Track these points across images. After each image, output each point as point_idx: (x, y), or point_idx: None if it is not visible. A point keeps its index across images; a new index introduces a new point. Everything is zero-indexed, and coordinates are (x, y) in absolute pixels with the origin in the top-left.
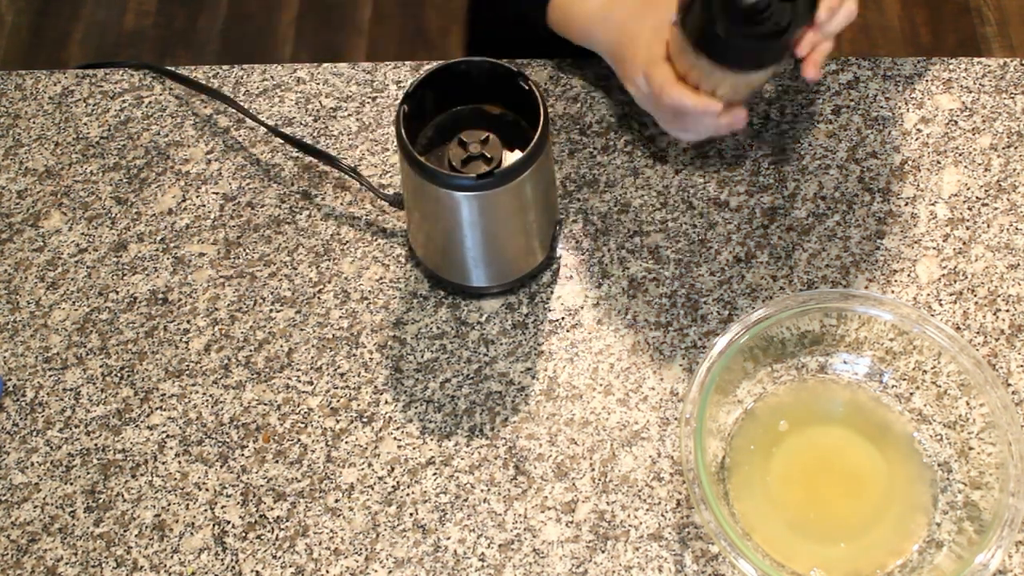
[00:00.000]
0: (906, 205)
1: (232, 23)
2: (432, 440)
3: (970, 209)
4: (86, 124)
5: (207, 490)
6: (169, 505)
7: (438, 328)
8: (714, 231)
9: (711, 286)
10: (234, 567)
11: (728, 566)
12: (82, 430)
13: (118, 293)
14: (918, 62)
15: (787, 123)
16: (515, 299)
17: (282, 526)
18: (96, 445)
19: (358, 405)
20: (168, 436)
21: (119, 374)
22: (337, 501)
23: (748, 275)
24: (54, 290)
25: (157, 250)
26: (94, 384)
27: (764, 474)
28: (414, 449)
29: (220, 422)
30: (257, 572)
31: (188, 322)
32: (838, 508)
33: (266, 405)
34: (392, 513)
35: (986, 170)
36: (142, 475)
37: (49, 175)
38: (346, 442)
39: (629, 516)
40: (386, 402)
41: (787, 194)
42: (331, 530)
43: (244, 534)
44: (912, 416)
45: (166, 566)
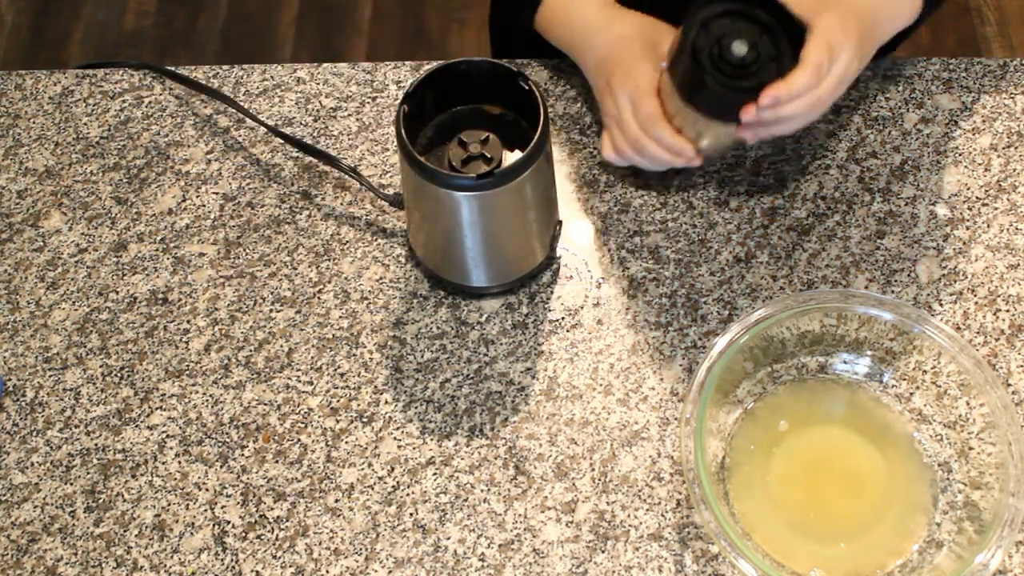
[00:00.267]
0: (906, 205)
1: (232, 23)
2: (432, 440)
3: (970, 209)
4: (86, 124)
5: (207, 490)
6: (169, 505)
7: (438, 328)
8: (714, 231)
9: (711, 286)
10: (234, 567)
11: (728, 566)
12: (82, 430)
13: (118, 293)
14: (918, 62)
15: None
16: (515, 299)
17: (282, 526)
18: (96, 445)
19: (358, 405)
20: (168, 436)
21: (119, 374)
22: (337, 501)
23: (748, 275)
24: (54, 290)
25: (157, 250)
26: (94, 384)
27: (764, 474)
28: (414, 449)
29: (220, 422)
30: (257, 572)
31: (188, 322)
32: (838, 508)
33: (266, 405)
34: (392, 513)
35: (986, 170)
36: (142, 475)
37: (49, 175)
38: (346, 442)
39: (629, 516)
40: (386, 402)
41: (787, 194)
42: (331, 530)
43: (244, 534)
44: (912, 416)
45: (166, 566)
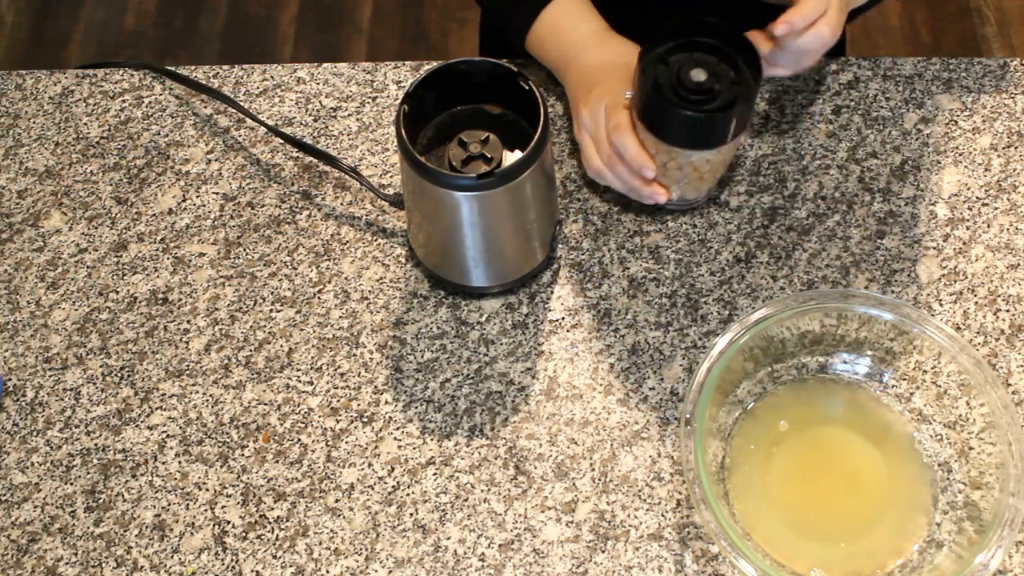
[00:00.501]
0: (906, 205)
1: (232, 23)
2: (432, 440)
3: (970, 209)
4: (86, 124)
5: (207, 490)
6: (169, 505)
7: (438, 328)
8: (714, 231)
9: (711, 286)
10: (234, 567)
11: (728, 566)
12: (82, 430)
13: (118, 293)
14: (918, 62)
15: (787, 123)
16: (515, 299)
17: (282, 526)
18: (96, 445)
19: (358, 405)
20: (168, 436)
21: (119, 374)
22: (337, 501)
23: (748, 275)
24: (54, 290)
25: (157, 250)
26: (94, 384)
27: (764, 474)
28: (414, 449)
29: (220, 422)
30: (257, 572)
31: (188, 322)
32: (838, 508)
33: (266, 405)
34: (392, 513)
35: (986, 170)
36: (142, 475)
37: (49, 175)
38: (346, 442)
39: (629, 516)
40: (386, 402)
41: (787, 194)
42: (331, 530)
43: (244, 534)
44: (912, 416)
45: (166, 566)
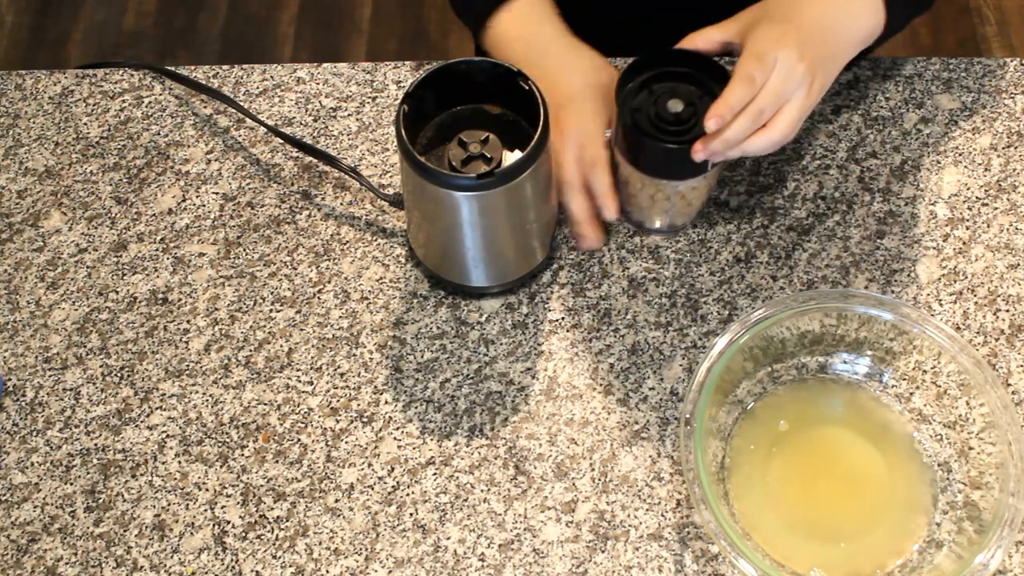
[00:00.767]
0: (906, 205)
1: (232, 23)
2: (432, 440)
3: (970, 209)
4: (86, 124)
5: (207, 490)
6: (169, 505)
7: (438, 328)
8: (714, 231)
9: (711, 286)
10: (234, 567)
11: (728, 566)
12: (82, 430)
13: (118, 293)
14: (918, 62)
15: None
16: (515, 299)
17: (282, 526)
18: (96, 445)
19: (358, 405)
20: (168, 436)
21: (119, 374)
22: (337, 501)
23: (748, 275)
24: (54, 290)
25: (157, 250)
26: (94, 384)
27: (764, 474)
28: (414, 449)
29: (220, 422)
30: (257, 572)
31: (188, 322)
32: (838, 508)
33: (266, 405)
34: (392, 513)
35: (986, 170)
36: (142, 475)
37: (49, 175)
38: (346, 442)
39: (629, 516)
40: (386, 402)
41: (787, 194)
42: (331, 530)
43: (244, 534)
44: (912, 416)
45: (166, 566)
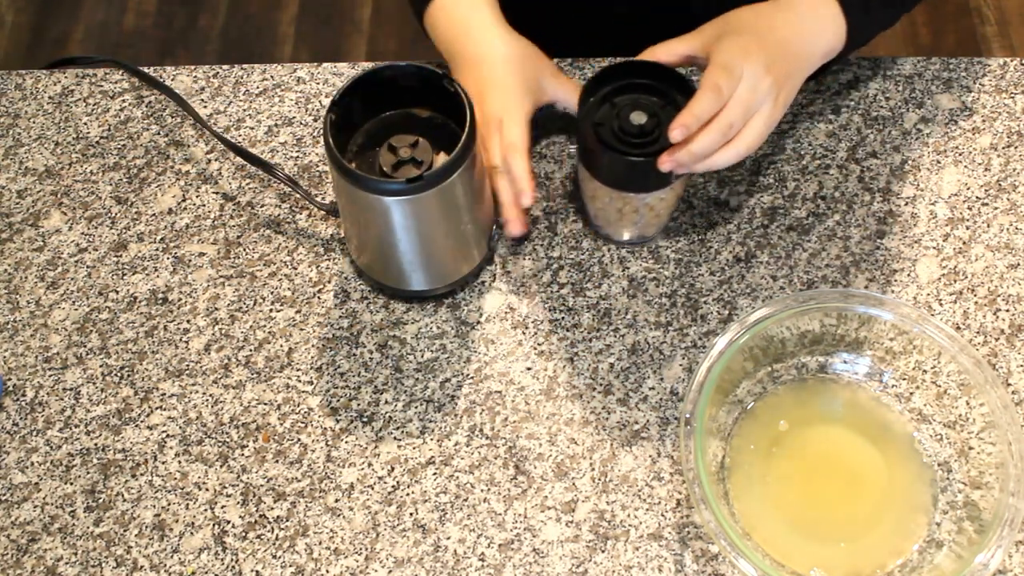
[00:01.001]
0: (906, 205)
1: (232, 23)
2: (432, 440)
3: (970, 209)
4: (86, 124)
5: (207, 490)
6: (169, 505)
7: (438, 328)
8: (714, 231)
9: (711, 286)
10: (234, 567)
11: (728, 566)
12: (82, 430)
13: (118, 293)
14: (918, 62)
15: (787, 123)
16: (515, 299)
17: (282, 526)
18: (96, 445)
19: (358, 405)
20: (168, 436)
21: (119, 374)
22: (337, 501)
23: (748, 275)
24: (54, 290)
25: (157, 250)
26: (94, 384)
27: (764, 474)
28: (414, 449)
29: (220, 422)
30: (257, 572)
31: (188, 322)
32: (838, 508)
33: (266, 405)
34: (392, 513)
35: (986, 170)
36: (142, 475)
37: (49, 175)
38: (346, 442)
39: (629, 516)
40: (386, 402)
41: (787, 194)
42: (331, 530)
43: (244, 534)
44: (912, 416)
45: (166, 566)
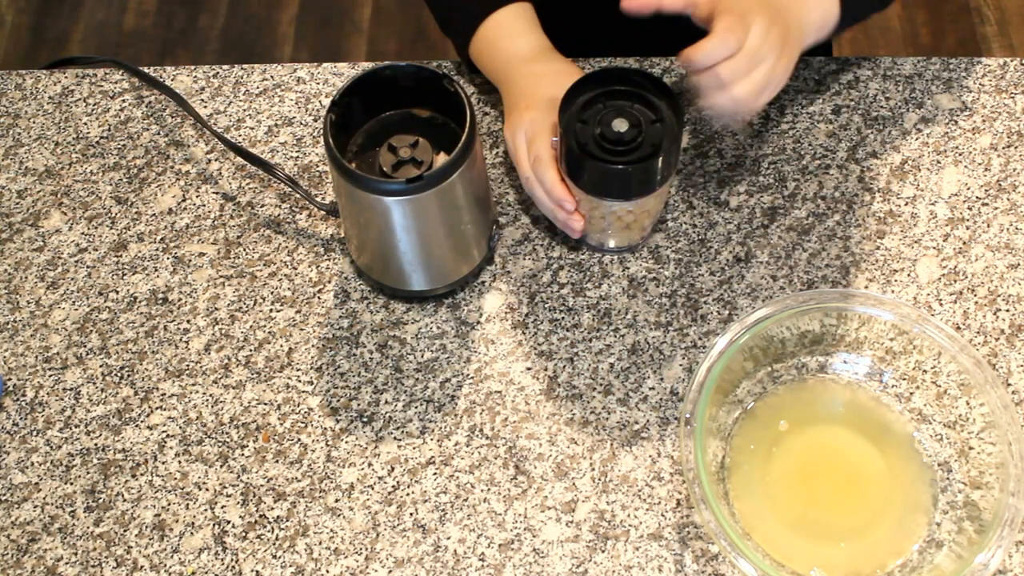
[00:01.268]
0: (906, 205)
1: (232, 23)
2: (432, 440)
3: (970, 209)
4: (86, 124)
5: (207, 490)
6: (169, 505)
7: (438, 328)
8: (714, 231)
9: (711, 286)
10: (234, 567)
11: (728, 566)
12: (82, 430)
13: (118, 293)
14: (918, 62)
15: (787, 123)
16: (515, 299)
17: (282, 526)
18: (96, 445)
19: (358, 405)
20: (168, 436)
21: (119, 374)
22: (337, 501)
23: (748, 275)
24: (54, 290)
25: (157, 250)
26: (94, 384)
27: (764, 474)
28: (414, 449)
29: (220, 422)
30: (257, 572)
31: (188, 322)
32: (838, 508)
33: (266, 405)
34: (392, 513)
35: (986, 170)
36: (142, 475)
37: (49, 175)
38: (346, 442)
39: (629, 516)
40: (386, 402)
41: (787, 194)
42: (331, 530)
43: (244, 534)
44: (912, 416)
45: (166, 566)
